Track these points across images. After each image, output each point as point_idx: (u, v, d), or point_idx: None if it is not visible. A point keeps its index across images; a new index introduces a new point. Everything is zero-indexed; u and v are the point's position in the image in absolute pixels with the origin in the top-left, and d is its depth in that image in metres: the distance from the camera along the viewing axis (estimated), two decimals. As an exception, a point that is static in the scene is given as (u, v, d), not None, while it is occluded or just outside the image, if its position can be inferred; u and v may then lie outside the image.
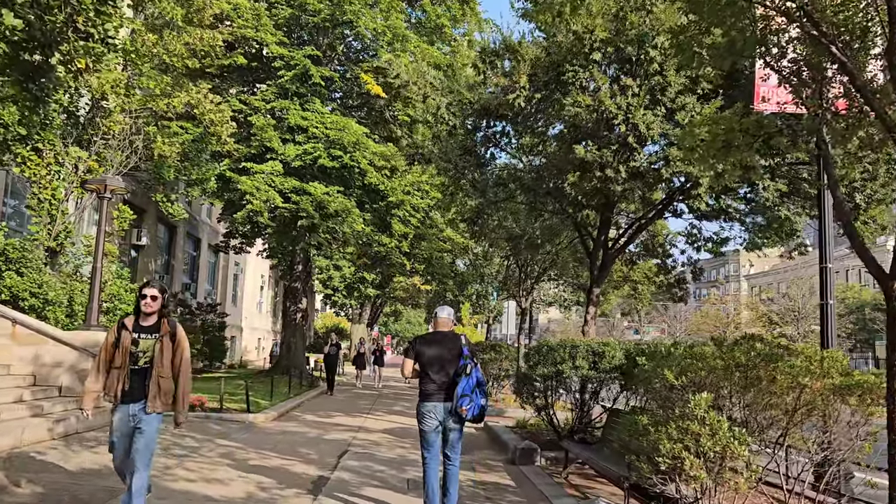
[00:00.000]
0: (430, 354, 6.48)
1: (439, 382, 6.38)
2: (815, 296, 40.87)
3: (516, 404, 20.25)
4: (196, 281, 34.10)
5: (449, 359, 6.43)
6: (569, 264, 19.97)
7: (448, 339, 6.58)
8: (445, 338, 6.59)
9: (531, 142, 12.72)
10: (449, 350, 6.47)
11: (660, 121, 9.88)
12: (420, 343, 6.67)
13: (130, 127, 14.53)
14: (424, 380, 6.49)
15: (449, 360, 6.42)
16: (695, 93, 10.12)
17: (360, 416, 16.55)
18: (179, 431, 12.03)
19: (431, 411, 6.35)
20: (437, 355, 6.45)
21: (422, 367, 6.52)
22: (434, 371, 6.41)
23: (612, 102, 9.59)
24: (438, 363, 6.43)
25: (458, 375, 6.31)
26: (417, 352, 6.57)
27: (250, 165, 19.30)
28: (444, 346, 6.50)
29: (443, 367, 6.41)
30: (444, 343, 6.54)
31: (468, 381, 6.28)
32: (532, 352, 11.13)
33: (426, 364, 6.48)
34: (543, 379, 10.66)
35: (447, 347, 6.49)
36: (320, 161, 19.61)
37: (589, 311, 12.93)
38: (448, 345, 6.51)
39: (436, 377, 6.40)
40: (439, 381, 6.38)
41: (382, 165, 20.82)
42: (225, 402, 16.02)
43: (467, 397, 6.23)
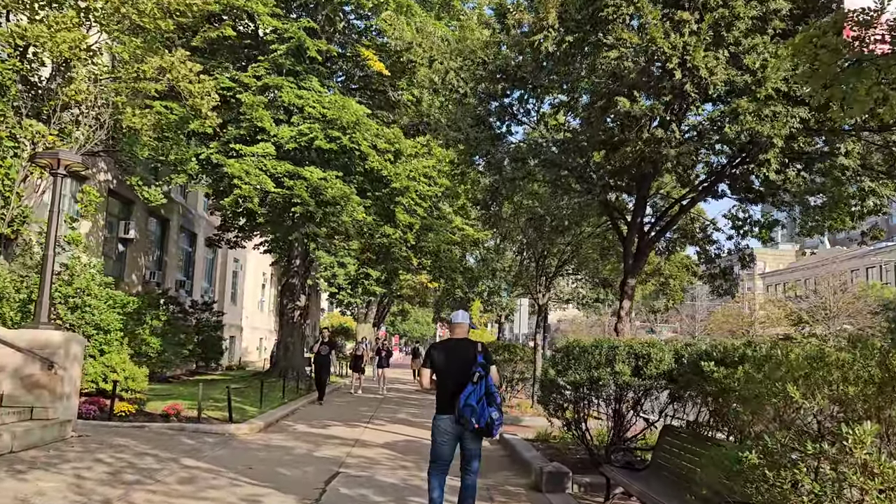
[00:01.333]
0: (446, 364, 6.25)
1: (453, 393, 6.06)
2: (847, 293, 38.76)
3: (533, 411, 18.37)
4: (192, 278, 32.35)
5: (464, 368, 6.09)
6: (590, 257, 18.01)
7: (463, 346, 6.34)
8: (461, 345, 6.36)
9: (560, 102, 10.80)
10: (463, 358, 6.18)
11: (723, 66, 7.96)
12: (436, 352, 6.46)
13: (96, 97, 12.71)
14: (440, 391, 6.24)
15: (464, 370, 6.08)
16: (765, 32, 8.20)
17: (359, 425, 14.70)
18: (142, 448, 10.29)
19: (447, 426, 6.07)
20: (452, 364, 6.19)
21: (437, 377, 6.29)
22: (450, 381, 6.15)
23: (665, 41, 7.67)
24: (454, 373, 6.14)
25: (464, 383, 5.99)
26: (434, 361, 6.34)
27: (239, 147, 17.48)
28: (459, 355, 6.24)
29: (458, 377, 6.08)
30: (458, 351, 6.29)
31: (474, 390, 5.95)
32: (561, 354, 9.24)
33: (442, 374, 6.26)
34: (575, 387, 8.78)
35: (461, 355, 6.22)
36: (317, 143, 17.77)
37: (623, 306, 11.03)
38: (462, 352, 6.25)
39: (451, 388, 6.10)
40: (453, 391, 6.06)
41: (385, 149, 18.97)
42: (207, 409, 14.22)
43: (469, 407, 5.88)
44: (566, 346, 9.45)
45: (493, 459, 11.00)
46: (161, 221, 28.44)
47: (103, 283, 16.00)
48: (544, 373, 9.77)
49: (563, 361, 9.04)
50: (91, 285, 15.02)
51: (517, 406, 18.28)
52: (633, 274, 11.15)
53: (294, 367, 23.26)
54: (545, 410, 9.54)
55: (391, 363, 62.34)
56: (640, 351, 8.47)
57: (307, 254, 24.06)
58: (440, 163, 20.75)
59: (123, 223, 24.55)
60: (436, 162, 20.38)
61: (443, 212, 23.00)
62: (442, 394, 6.18)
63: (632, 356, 8.49)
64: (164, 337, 22.92)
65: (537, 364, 18.49)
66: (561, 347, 9.64)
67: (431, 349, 6.61)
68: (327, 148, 17.98)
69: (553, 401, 9.21)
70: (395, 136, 19.21)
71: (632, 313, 10.97)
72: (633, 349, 8.56)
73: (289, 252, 24.08)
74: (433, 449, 6.19)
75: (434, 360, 6.34)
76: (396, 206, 19.29)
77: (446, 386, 6.15)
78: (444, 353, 6.36)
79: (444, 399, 6.14)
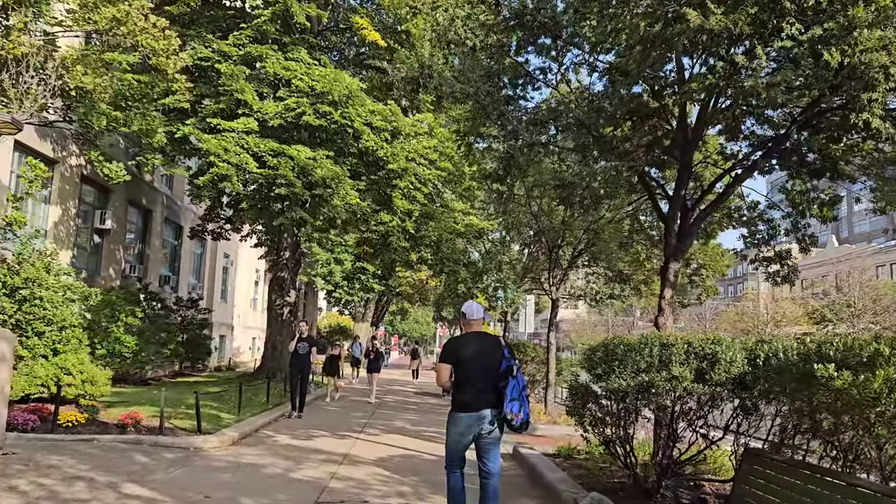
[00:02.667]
0: (471, 359, 5.86)
1: (477, 389, 5.77)
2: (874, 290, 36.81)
3: (548, 418, 16.47)
4: (177, 273, 30.44)
5: (489, 362, 5.81)
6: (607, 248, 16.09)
7: (486, 340, 6.08)
8: (483, 340, 6.06)
9: (598, 36, 8.86)
10: (489, 352, 5.86)
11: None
12: (456, 346, 6.06)
13: (39, 51, 10.81)
14: (459, 387, 5.89)
15: (489, 365, 5.80)
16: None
17: (350, 435, 12.80)
18: (79, 469, 8.38)
19: (467, 423, 5.75)
20: (477, 360, 5.81)
21: (459, 374, 5.90)
22: (473, 377, 5.82)
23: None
24: (478, 369, 5.82)
25: (505, 378, 5.72)
26: (454, 355, 5.95)
27: (217, 122, 15.55)
28: (482, 349, 5.89)
29: (483, 373, 5.80)
30: (483, 345, 5.95)
31: (515, 385, 5.72)
32: (599, 354, 7.33)
33: (466, 370, 5.86)
34: (619, 396, 6.89)
35: (486, 350, 5.88)
36: (305, 118, 15.85)
37: (664, 296, 9.13)
38: (486, 347, 5.93)
39: (474, 384, 5.79)
40: (477, 387, 5.78)
41: (381, 127, 17.06)
42: (177, 417, 12.34)
43: (517, 402, 5.68)
44: (605, 344, 7.54)
45: (509, 481, 9.11)
46: (143, 212, 26.55)
47: (61, 272, 14.14)
48: (574, 378, 7.87)
49: (602, 364, 7.14)
50: (43, 275, 13.14)
51: (529, 412, 16.39)
52: (675, 257, 9.25)
53: (283, 369, 21.33)
54: (577, 424, 7.63)
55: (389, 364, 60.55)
56: (702, 350, 6.59)
57: (297, 245, 22.16)
58: (442, 144, 18.87)
59: (99, 212, 22.63)
60: (437, 143, 18.48)
61: (445, 200, 21.10)
62: (463, 390, 5.82)
63: (692, 356, 6.61)
64: (141, 335, 21.06)
65: (551, 365, 16.61)
66: (597, 346, 7.73)
67: (451, 344, 6.24)
68: (317, 125, 16.06)
69: (588, 413, 7.31)
70: (392, 113, 17.30)
71: (674, 304, 9.09)
72: (692, 347, 6.67)
73: (277, 243, 22.17)
74: (449, 446, 5.89)
75: (457, 355, 5.92)
76: (394, 191, 17.38)
77: (470, 382, 5.80)
78: (467, 348, 5.93)
79: (465, 396, 5.79)
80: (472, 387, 5.76)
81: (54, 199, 19.21)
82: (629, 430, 7.05)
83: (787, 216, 10.94)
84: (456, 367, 5.88)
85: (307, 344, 15.18)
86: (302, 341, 15.17)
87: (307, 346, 15.13)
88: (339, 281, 45.33)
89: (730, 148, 11.03)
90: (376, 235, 18.52)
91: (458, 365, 5.87)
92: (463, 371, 5.83)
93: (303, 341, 15.17)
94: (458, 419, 5.77)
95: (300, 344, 15.11)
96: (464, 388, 5.81)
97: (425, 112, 18.68)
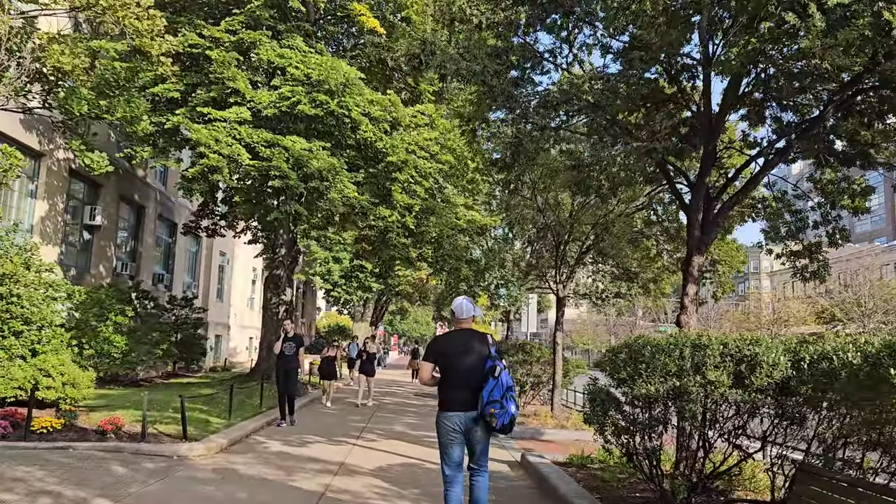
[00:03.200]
0: (453, 357, 5.63)
1: (463, 388, 5.54)
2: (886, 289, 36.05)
3: (554, 421, 15.74)
4: (171, 272, 29.72)
5: (474, 361, 5.56)
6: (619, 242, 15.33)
7: (472, 338, 5.73)
8: (469, 337, 5.74)
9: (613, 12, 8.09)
10: (474, 351, 5.61)
11: None
12: (440, 344, 5.91)
13: (17, 33, 10.07)
14: (445, 386, 5.66)
15: (475, 363, 5.56)
16: None
17: (347, 441, 12.07)
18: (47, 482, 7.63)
19: (455, 424, 5.52)
20: (461, 358, 5.58)
21: (443, 372, 5.69)
22: (458, 376, 5.58)
23: None
24: (463, 367, 5.57)
25: (485, 379, 5.44)
26: (437, 354, 5.75)
27: (208, 111, 14.79)
28: (468, 347, 5.64)
29: (467, 371, 5.55)
30: (468, 343, 5.67)
31: (496, 385, 5.41)
32: (623, 356, 6.59)
33: (448, 368, 5.65)
34: (646, 403, 6.15)
35: (472, 348, 5.63)
36: (300, 108, 15.09)
37: (687, 292, 8.39)
38: (473, 345, 5.66)
39: (460, 383, 5.56)
40: (464, 386, 5.54)
41: (380, 117, 16.32)
42: (162, 422, 11.59)
43: (496, 403, 5.35)
44: (628, 344, 6.80)
45: (518, 493, 8.37)
46: (135, 209, 25.82)
47: (42, 268, 13.40)
48: (593, 381, 7.13)
49: (626, 366, 6.39)
50: (21, 271, 12.39)
51: (535, 416, 15.65)
52: (699, 250, 8.51)
53: (278, 370, 20.63)
54: (597, 433, 6.88)
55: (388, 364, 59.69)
56: (740, 351, 5.86)
57: (294, 242, 21.42)
58: (444, 136, 18.11)
59: (89, 208, 21.90)
60: (438, 135, 17.73)
61: (446, 195, 20.33)
62: (449, 389, 5.64)
63: (728, 359, 5.88)
64: (131, 335, 20.35)
65: (558, 366, 15.88)
66: (619, 347, 6.99)
67: (435, 341, 6.11)
68: (312, 114, 15.30)
69: (611, 422, 6.56)
70: (391, 103, 16.55)
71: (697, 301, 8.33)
72: (728, 349, 5.95)
73: (273, 240, 21.43)
74: (443, 450, 5.66)
75: (439, 352, 5.77)
76: (393, 185, 16.61)
77: (455, 381, 5.61)
78: (452, 345, 5.76)
79: (451, 395, 5.61)
80: (456, 386, 5.60)
81: (41, 194, 18.47)
82: (657, 441, 6.30)
83: (818, 206, 10.20)
84: (440, 366, 5.72)
85: (294, 344, 13.68)
86: (288, 341, 13.70)
87: (294, 347, 13.63)
88: (337, 280, 44.63)
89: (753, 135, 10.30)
90: (375, 232, 17.76)
91: (441, 363, 5.72)
92: (447, 370, 5.67)
93: (289, 341, 13.70)
94: (447, 418, 5.58)
95: (286, 344, 13.65)
96: (448, 387, 5.65)
97: (426, 103, 17.93)
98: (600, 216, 14.16)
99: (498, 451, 11.35)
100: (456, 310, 5.94)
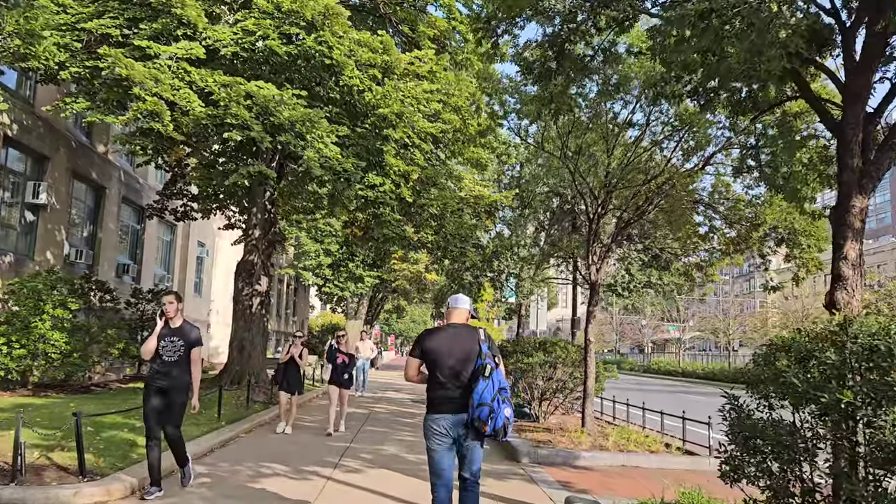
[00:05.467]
0: (441, 353, 5.17)
1: (452, 388, 5.09)
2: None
3: (590, 440, 12.51)
4: (139, 262, 26.52)
5: (464, 358, 5.13)
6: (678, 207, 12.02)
7: (463, 333, 5.28)
8: (460, 332, 5.30)
9: None
10: (464, 347, 5.15)
11: None
12: (428, 338, 5.32)
13: None
14: (433, 385, 5.20)
15: (464, 360, 5.12)
16: None
17: (318, 474, 8.85)
18: None
19: (443, 426, 5.05)
20: (449, 354, 5.13)
21: (430, 369, 5.23)
22: (445, 374, 5.13)
23: None
24: (451, 364, 5.13)
25: (475, 379, 5.00)
26: (424, 349, 5.24)
27: (148, 44, 11.62)
28: (457, 343, 5.18)
29: (457, 369, 5.11)
30: (457, 338, 5.22)
31: (487, 386, 4.95)
32: (789, 361, 3.39)
33: (435, 365, 5.18)
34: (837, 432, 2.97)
35: (462, 344, 5.17)
36: (268, 43, 11.97)
37: (846, 255, 5.15)
38: (463, 341, 5.20)
39: (448, 381, 5.12)
40: (452, 386, 5.10)
41: (369, 61, 13.18)
42: (66, 449, 8.37)
43: (486, 406, 4.89)
44: (794, 341, 3.66)
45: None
46: (94, 188, 22.64)
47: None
48: (732, 400, 3.98)
49: (798, 381, 3.22)
50: None
51: (562, 432, 12.45)
52: (861, 188, 5.42)
53: (252, 372, 17.47)
54: (746, 479, 3.71)
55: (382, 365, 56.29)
56: None
57: (271, 224, 18.23)
58: (446, 93, 14.93)
59: (32, 184, 18.77)
60: (440, 87, 14.55)
61: (451, 168, 17.15)
62: (436, 389, 5.15)
63: None
64: (76, 332, 17.21)
65: (590, 369, 12.73)
66: (777, 346, 3.86)
67: (423, 336, 5.41)
68: (283, 53, 12.16)
69: (760, 466, 3.39)
70: (382, 46, 13.41)
71: (862, 266, 5.19)
72: None
73: (247, 220, 18.30)
74: (430, 459, 5.12)
75: (426, 348, 5.23)
76: (385, 145, 13.45)
77: (443, 380, 5.11)
78: (440, 341, 5.22)
79: (439, 395, 5.11)
80: (441, 386, 5.14)
81: None
82: None
83: None
84: (428, 364, 5.24)
85: (179, 341, 7.11)
86: (169, 337, 7.11)
87: (180, 346, 7.11)
88: (326, 273, 41.59)
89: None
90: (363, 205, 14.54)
91: (428, 360, 5.23)
92: (434, 367, 5.19)
93: (171, 336, 7.12)
94: (433, 422, 5.09)
95: (165, 342, 7.11)
96: (432, 386, 5.20)
97: (426, 49, 14.76)
98: (657, 169, 10.94)
99: (527, 489, 8.21)
100: (451, 301, 5.51)
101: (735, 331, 50.03)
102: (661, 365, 56.92)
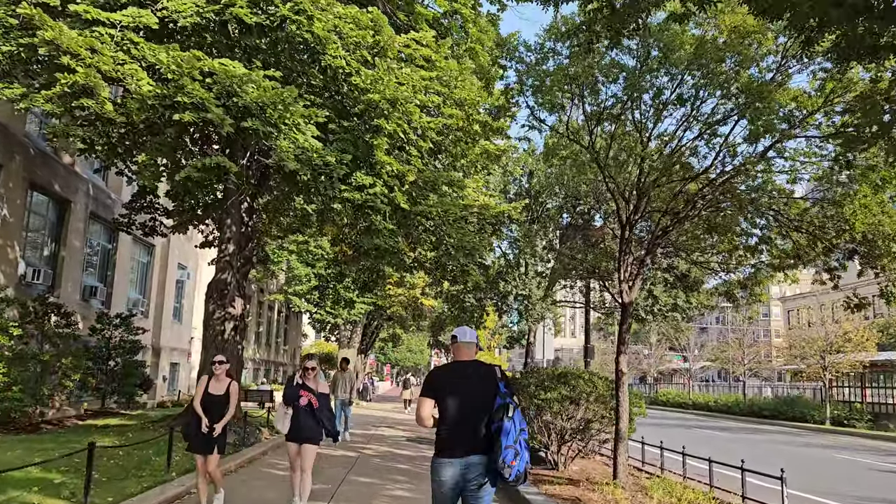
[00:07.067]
0: (455, 392, 4.73)
1: (465, 430, 4.64)
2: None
3: (626, 495, 10.25)
4: (110, 284, 24.29)
5: (480, 398, 4.70)
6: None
7: (476, 370, 4.85)
8: (472, 369, 4.86)
9: None
10: (479, 386, 4.74)
11: None
12: (441, 377, 4.88)
13: None
14: (444, 427, 4.71)
15: (480, 400, 4.69)
16: None
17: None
18: None
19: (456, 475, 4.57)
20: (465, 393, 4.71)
21: (442, 411, 4.74)
22: (459, 415, 4.68)
23: None
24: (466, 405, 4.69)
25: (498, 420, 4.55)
26: (437, 388, 4.77)
27: (85, 9, 9.54)
28: (471, 381, 4.77)
29: (472, 410, 4.67)
30: (471, 376, 4.80)
31: (512, 427, 4.50)
32: None
33: (449, 405, 4.71)
34: None
35: (477, 382, 4.76)
36: (234, 10, 9.92)
37: None
38: (477, 379, 4.78)
39: (462, 423, 4.66)
40: (466, 428, 4.64)
41: (356, 39, 11.13)
42: None
43: (511, 449, 4.46)
44: None
45: None
46: (56, 202, 20.49)
47: None
48: None
49: None
50: None
51: (588, 483, 10.10)
52: None
53: (222, 409, 15.06)
54: None
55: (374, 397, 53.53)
56: None
57: (248, 239, 16.03)
58: (446, 82, 12.84)
59: (-24, 193, 16.67)
60: (439, 74, 12.47)
61: (452, 176, 14.99)
62: (449, 431, 4.68)
63: None
64: (19, 362, 14.95)
65: (623, 407, 10.45)
66: None
67: (434, 374, 4.93)
68: (253, 24, 10.11)
69: None
70: (373, 22, 11.37)
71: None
72: None
73: (221, 233, 16.12)
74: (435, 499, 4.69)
75: (439, 387, 4.76)
76: (376, 139, 11.33)
77: (457, 420, 4.66)
78: (453, 379, 4.82)
79: (452, 437, 4.65)
80: (457, 427, 4.66)
81: None
82: None
83: None
84: (438, 402, 4.74)
85: None
86: None
87: None
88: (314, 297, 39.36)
89: None
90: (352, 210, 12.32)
91: (440, 399, 4.74)
92: (445, 407, 4.72)
93: None
94: (441, 466, 4.62)
95: None
96: (447, 427, 4.71)
97: (423, 30, 12.69)
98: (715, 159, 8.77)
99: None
100: (458, 334, 4.96)
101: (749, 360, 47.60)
102: (669, 396, 54.31)
